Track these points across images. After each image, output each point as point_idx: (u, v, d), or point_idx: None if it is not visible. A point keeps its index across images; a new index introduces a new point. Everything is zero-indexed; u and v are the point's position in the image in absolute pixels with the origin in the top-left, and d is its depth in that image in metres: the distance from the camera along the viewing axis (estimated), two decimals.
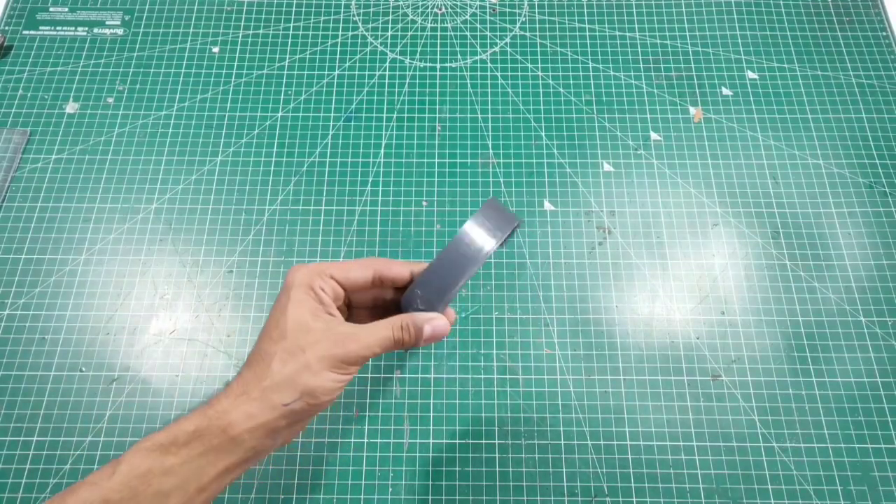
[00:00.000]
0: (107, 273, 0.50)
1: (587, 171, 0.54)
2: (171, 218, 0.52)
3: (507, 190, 0.53)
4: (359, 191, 0.53)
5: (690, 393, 0.46)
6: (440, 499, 0.42)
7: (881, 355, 0.47)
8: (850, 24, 0.61)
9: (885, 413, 0.45)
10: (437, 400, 0.45)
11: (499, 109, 0.56)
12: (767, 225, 0.52)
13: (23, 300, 0.48)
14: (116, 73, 0.58)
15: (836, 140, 0.55)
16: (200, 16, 0.61)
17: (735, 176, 0.53)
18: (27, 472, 0.43)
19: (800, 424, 0.45)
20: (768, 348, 0.47)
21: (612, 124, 0.56)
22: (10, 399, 0.45)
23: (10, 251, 0.50)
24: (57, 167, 0.54)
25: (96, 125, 0.56)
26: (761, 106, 0.57)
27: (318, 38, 0.60)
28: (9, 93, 0.57)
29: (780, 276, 0.50)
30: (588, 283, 0.49)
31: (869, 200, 0.52)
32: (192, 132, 0.55)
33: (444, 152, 0.54)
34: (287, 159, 0.54)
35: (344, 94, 0.57)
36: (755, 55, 0.59)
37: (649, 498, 0.43)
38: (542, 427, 0.45)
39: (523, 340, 0.47)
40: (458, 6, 0.62)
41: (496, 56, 0.59)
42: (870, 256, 0.50)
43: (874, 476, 0.43)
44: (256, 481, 0.43)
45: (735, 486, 0.43)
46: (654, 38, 0.60)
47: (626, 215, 0.52)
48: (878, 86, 0.57)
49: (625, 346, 0.47)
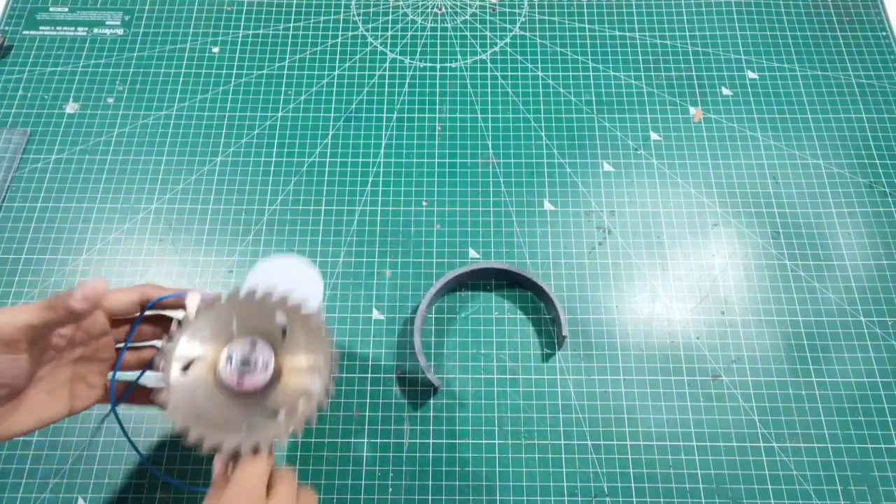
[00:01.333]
0: (107, 273, 0.50)
1: (587, 171, 0.54)
2: (171, 218, 0.52)
3: (507, 190, 0.53)
4: (359, 191, 0.53)
5: (690, 393, 0.46)
6: (440, 499, 0.42)
7: (881, 355, 0.47)
8: (850, 24, 0.61)
9: (885, 413, 0.45)
10: (437, 400, 0.45)
11: (499, 109, 0.56)
12: (767, 225, 0.52)
13: (23, 300, 0.48)
14: (116, 73, 0.58)
15: (836, 140, 0.55)
16: (200, 16, 0.61)
17: (735, 176, 0.53)
18: (27, 472, 0.43)
19: (800, 424, 0.45)
20: (768, 348, 0.47)
21: (612, 124, 0.56)
22: None
23: (10, 251, 0.50)
24: (57, 167, 0.54)
25: (96, 125, 0.56)
26: (761, 106, 0.57)
27: (318, 38, 0.60)
28: (9, 93, 0.57)
29: (780, 276, 0.50)
30: (588, 283, 0.49)
31: (869, 200, 0.52)
32: (192, 132, 0.55)
33: (444, 152, 0.54)
34: (287, 159, 0.54)
35: (344, 94, 0.57)
36: (755, 55, 0.59)
37: (649, 498, 0.43)
38: (542, 427, 0.45)
39: (523, 340, 0.47)
40: (458, 6, 0.62)
41: (496, 56, 0.59)
42: (870, 256, 0.50)
43: (874, 476, 0.43)
44: None
45: (735, 486, 0.43)
46: (654, 38, 0.60)
47: (626, 215, 0.52)
48: (878, 86, 0.57)
49: (625, 346, 0.47)
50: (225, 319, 0.32)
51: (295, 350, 0.32)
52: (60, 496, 0.42)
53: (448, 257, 0.50)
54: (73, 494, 0.42)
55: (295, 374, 0.31)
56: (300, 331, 0.32)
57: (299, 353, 0.32)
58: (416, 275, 0.49)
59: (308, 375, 0.31)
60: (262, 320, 0.32)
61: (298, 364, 0.32)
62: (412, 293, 0.49)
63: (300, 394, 0.31)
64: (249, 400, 0.31)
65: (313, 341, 0.32)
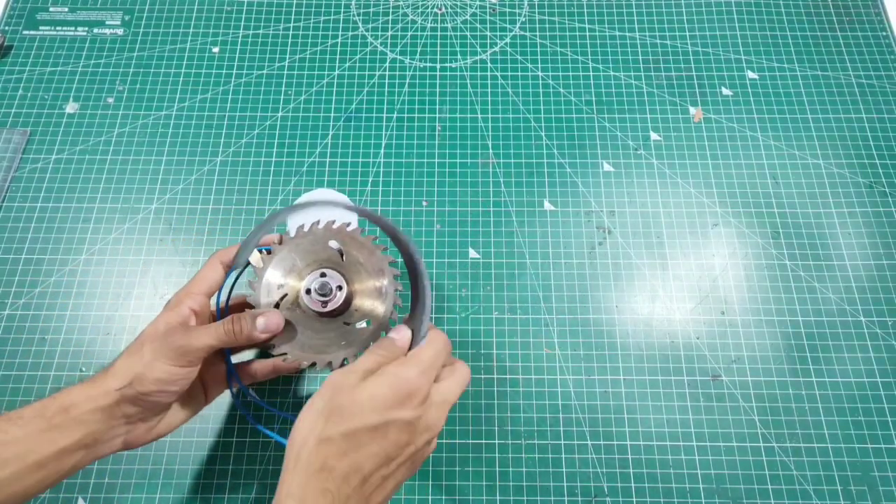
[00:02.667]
0: (107, 273, 0.50)
1: (587, 171, 0.54)
2: (171, 218, 0.52)
3: (507, 190, 0.53)
4: (359, 191, 0.53)
5: (690, 393, 0.46)
6: (440, 499, 0.42)
7: (881, 355, 0.47)
8: (850, 24, 0.61)
9: (885, 413, 0.45)
10: None
11: (499, 109, 0.56)
12: (767, 225, 0.52)
13: (23, 300, 0.48)
14: (116, 73, 0.58)
15: (836, 140, 0.55)
16: (200, 16, 0.61)
17: (735, 176, 0.53)
18: None
19: (800, 424, 0.45)
20: (768, 348, 0.47)
21: (612, 124, 0.56)
22: (10, 399, 0.45)
23: (10, 251, 0.50)
24: (57, 167, 0.54)
25: (96, 125, 0.56)
26: (761, 106, 0.57)
27: (318, 38, 0.60)
28: (9, 93, 0.57)
29: (780, 276, 0.50)
30: (588, 283, 0.49)
31: (869, 200, 0.52)
32: (192, 132, 0.55)
33: (444, 152, 0.54)
34: (287, 159, 0.54)
35: (344, 94, 0.57)
36: (755, 55, 0.59)
37: (649, 498, 0.43)
38: (542, 427, 0.45)
39: (523, 340, 0.47)
40: (458, 6, 0.62)
41: (496, 56, 0.59)
42: (870, 256, 0.50)
43: (874, 476, 0.43)
44: (256, 481, 0.43)
45: (735, 486, 0.43)
46: (654, 38, 0.60)
47: (626, 215, 0.52)
48: (878, 86, 0.57)
49: (625, 346, 0.47)
50: (290, 260, 0.37)
51: (356, 264, 0.37)
52: (60, 496, 0.42)
53: (448, 257, 0.50)
54: (74, 494, 0.42)
55: (365, 284, 0.36)
56: (353, 247, 0.37)
57: (361, 266, 0.37)
58: None
59: (375, 279, 0.36)
60: (320, 250, 0.37)
61: (363, 275, 0.37)
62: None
63: (374, 299, 0.36)
64: (335, 320, 0.36)
65: (366, 252, 0.37)
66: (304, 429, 0.29)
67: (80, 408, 0.31)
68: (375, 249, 0.37)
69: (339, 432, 0.28)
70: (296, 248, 0.37)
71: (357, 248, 0.37)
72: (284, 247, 0.37)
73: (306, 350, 0.35)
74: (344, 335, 0.35)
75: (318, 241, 0.37)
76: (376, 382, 0.29)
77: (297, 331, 0.35)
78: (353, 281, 0.36)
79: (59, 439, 0.30)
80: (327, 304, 0.35)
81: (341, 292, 0.36)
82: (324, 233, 0.37)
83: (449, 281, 0.49)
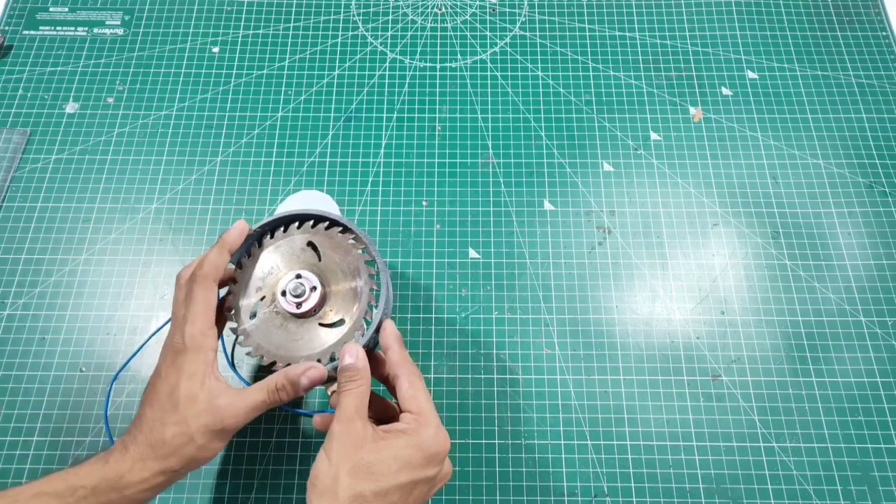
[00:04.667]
0: (107, 273, 0.50)
1: (587, 171, 0.54)
2: (171, 218, 0.52)
3: (507, 190, 0.53)
4: (359, 191, 0.53)
5: (690, 393, 0.46)
6: (440, 499, 0.42)
7: (881, 355, 0.47)
8: (850, 24, 0.61)
9: (885, 413, 0.45)
10: (437, 400, 0.45)
11: (499, 109, 0.56)
12: (767, 225, 0.52)
13: (23, 300, 0.48)
14: (116, 73, 0.58)
15: (836, 140, 0.55)
16: (200, 16, 0.61)
17: (735, 176, 0.53)
18: (27, 473, 0.43)
19: (800, 424, 0.45)
20: (768, 348, 0.47)
21: (612, 124, 0.56)
22: (10, 399, 0.45)
23: (10, 251, 0.50)
24: (57, 167, 0.54)
25: (96, 125, 0.56)
26: (761, 106, 0.57)
27: (318, 38, 0.60)
28: (9, 93, 0.57)
29: (780, 276, 0.50)
30: (588, 283, 0.49)
31: (869, 200, 0.52)
32: (192, 132, 0.55)
33: (444, 152, 0.54)
34: (287, 159, 0.54)
35: (344, 94, 0.57)
36: (755, 55, 0.59)
37: (649, 498, 0.43)
38: (542, 427, 0.45)
39: (523, 340, 0.47)
40: (458, 6, 0.62)
41: (496, 56, 0.59)
42: (870, 256, 0.50)
43: (874, 476, 0.43)
44: (256, 481, 0.43)
45: (735, 486, 0.43)
46: (654, 38, 0.60)
47: (626, 215, 0.52)
48: (878, 86, 0.57)
49: (625, 346, 0.47)
50: (270, 262, 0.37)
51: (332, 265, 0.37)
52: None
53: (448, 257, 0.50)
54: None
55: (341, 284, 0.37)
56: (329, 248, 0.37)
57: (336, 266, 0.37)
58: (415, 275, 0.49)
59: (350, 280, 0.37)
60: (299, 252, 0.38)
61: (339, 275, 0.37)
62: (412, 293, 0.49)
63: (349, 299, 0.36)
64: (310, 321, 0.36)
65: (342, 252, 0.37)
66: (327, 478, 0.31)
67: (134, 488, 0.32)
68: (351, 249, 0.37)
69: (372, 491, 0.30)
70: (275, 250, 0.38)
71: (333, 249, 0.37)
72: (263, 249, 0.38)
73: (281, 350, 0.36)
74: (318, 336, 0.36)
75: (295, 243, 0.38)
76: (399, 444, 0.32)
77: (272, 334, 0.36)
78: (329, 282, 0.37)
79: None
80: (301, 305, 0.36)
81: (315, 293, 0.36)
82: (302, 234, 0.38)
83: (449, 281, 0.49)
